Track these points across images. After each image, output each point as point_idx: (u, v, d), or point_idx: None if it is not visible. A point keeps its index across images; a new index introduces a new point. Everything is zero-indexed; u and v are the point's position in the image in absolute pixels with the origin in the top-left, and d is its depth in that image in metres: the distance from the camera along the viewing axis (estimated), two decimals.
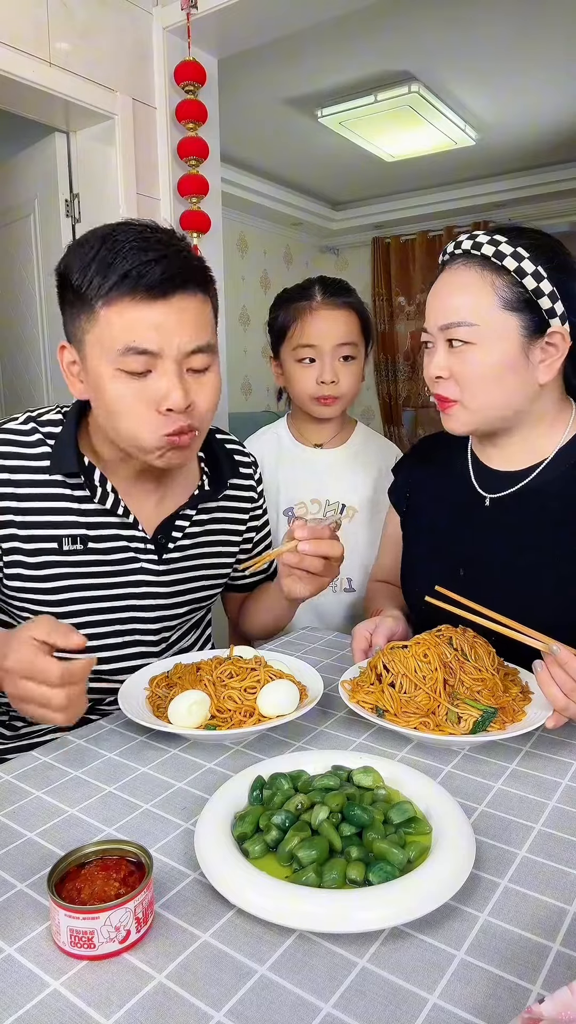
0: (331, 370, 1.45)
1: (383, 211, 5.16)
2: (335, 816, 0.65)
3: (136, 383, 0.87)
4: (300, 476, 1.57)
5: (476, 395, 0.99)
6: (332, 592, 1.54)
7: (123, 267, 0.83)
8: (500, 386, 0.98)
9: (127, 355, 0.85)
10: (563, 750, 0.83)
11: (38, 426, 0.99)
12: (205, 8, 2.24)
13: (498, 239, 0.96)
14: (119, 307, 0.84)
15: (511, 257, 0.95)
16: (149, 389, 0.87)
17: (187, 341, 0.87)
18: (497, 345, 0.96)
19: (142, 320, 0.84)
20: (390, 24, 2.71)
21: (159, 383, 0.87)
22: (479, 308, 0.96)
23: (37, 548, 0.96)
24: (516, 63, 3.04)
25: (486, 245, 0.96)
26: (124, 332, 0.84)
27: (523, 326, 0.96)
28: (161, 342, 0.85)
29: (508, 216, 4.88)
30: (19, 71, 2.01)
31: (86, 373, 0.90)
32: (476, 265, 0.97)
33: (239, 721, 0.84)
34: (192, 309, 0.88)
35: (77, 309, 0.88)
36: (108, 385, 0.87)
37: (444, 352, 1.00)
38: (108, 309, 0.84)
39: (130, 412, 0.88)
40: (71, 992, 0.50)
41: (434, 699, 0.84)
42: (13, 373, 3.00)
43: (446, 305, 0.99)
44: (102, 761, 0.82)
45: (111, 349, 0.85)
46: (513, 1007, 0.48)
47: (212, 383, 0.93)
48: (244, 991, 0.50)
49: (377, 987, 0.50)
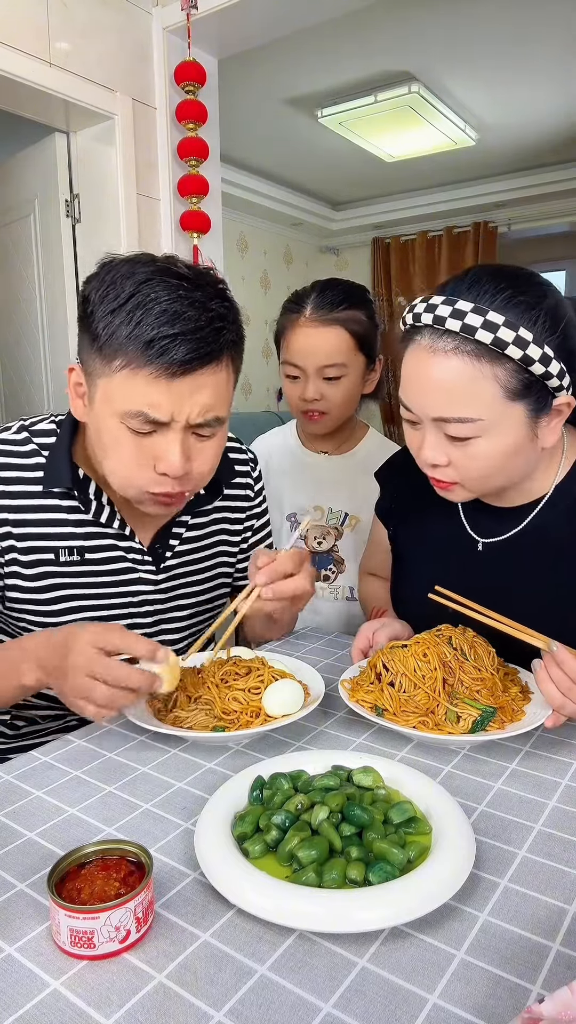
0: (314, 389, 1.40)
1: (383, 211, 5.16)
2: (335, 816, 0.65)
3: (139, 439, 0.85)
4: (304, 482, 1.55)
5: (480, 478, 0.91)
6: (334, 599, 1.53)
7: (149, 334, 0.79)
8: (507, 468, 0.90)
9: (135, 418, 0.83)
10: (563, 750, 0.83)
11: (31, 436, 0.97)
12: (205, 8, 2.24)
13: (493, 320, 0.81)
14: (137, 374, 0.80)
15: (514, 345, 0.81)
16: (150, 446, 0.85)
17: (198, 414, 0.84)
18: (504, 434, 0.86)
19: (157, 395, 0.81)
20: (390, 24, 2.71)
21: (161, 444, 0.85)
22: (482, 402, 0.84)
23: (34, 560, 0.95)
24: (516, 63, 3.04)
25: (480, 330, 0.81)
26: (136, 399, 0.81)
27: (530, 409, 0.86)
28: (172, 414, 0.83)
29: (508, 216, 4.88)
30: (19, 71, 2.01)
31: (90, 403, 0.88)
32: (470, 353, 0.82)
33: (246, 722, 0.84)
34: (211, 385, 0.84)
35: (94, 350, 0.84)
36: (110, 430, 0.85)
37: (439, 439, 0.89)
38: (124, 372, 0.81)
39: (125, 461, 0.86)
40: (71, 992, 0.50)
41: (433, 698, 0.84)
42: (13, 372, 3.00)
43: (439, 398, 0.86)
44: (102, 761, 0.82)
45: (120, 407, 0.83)
46: (513, 1007, 0.48)
47: (215, 448, 0.91)
48: (244, 991, 0.50)
49: (377, 987, 0.50)
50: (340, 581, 1.53)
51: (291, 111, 3.51)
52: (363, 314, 1.40)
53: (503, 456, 0.88)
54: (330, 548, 1.53)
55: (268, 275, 5.26)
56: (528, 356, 0.82)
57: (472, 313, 0.81)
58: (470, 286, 0.85)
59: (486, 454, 0.87)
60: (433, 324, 0.84)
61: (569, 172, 4.35)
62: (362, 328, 1.40)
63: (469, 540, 1.04)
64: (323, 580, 1.54)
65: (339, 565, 1.53)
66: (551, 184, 4.44)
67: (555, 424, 0.89)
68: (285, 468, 1.59)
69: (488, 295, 0.83)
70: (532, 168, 4.44)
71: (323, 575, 1.54)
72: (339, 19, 2.45)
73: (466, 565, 1.04)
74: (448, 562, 1.06)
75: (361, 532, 1.52)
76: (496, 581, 1.00)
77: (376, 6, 2.36)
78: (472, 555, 1.03)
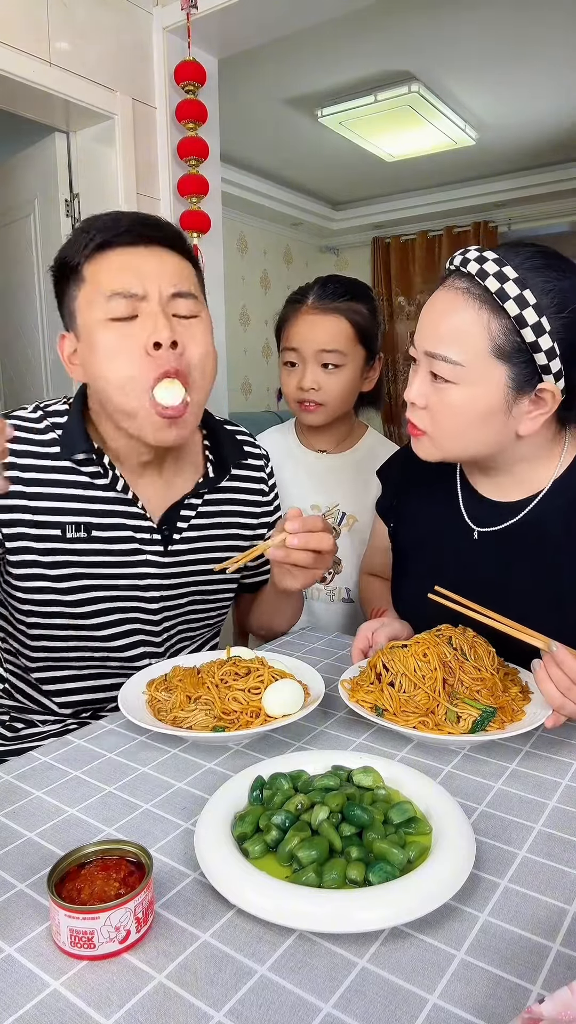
0: (311, 377, 1.40)
1: (383, 211, 5.16)
2: (335, 816, 0.65)
3: (124, 327, 0.90)
4: (302, 480, 1.55)
5: (446, 433, 0.93)
6: (330, 601, 1.53)
7: (102, 228, 0.92)
8: (473, 431, 0.92)
9: (113, 300, 0.90)
10: (563, 750, 0.83)
11: (47, 415, 1.01)
12: (205, 8, 2.24)
13: (506, 273, 0.84)
14: (101, 259, 0.91)
15: (514, 301, 0.84)
16: (137, 331, 0.90)
17: (168, 285, 0.92)
18: (478, 392, 0.88)
19: (122, 265, 0.91)
20: (390, 24, 2.71)
21: (145, 324, 0.91)
22: (468, 348, 0.87)
23: (43, 534, 0.97)
24: (516, 63, 3.04)
25: (491, 278, 0.85)
26: (107, 279, 0.90)
27: (511, 377, 0.87)
28: (144, 285, 0.90)
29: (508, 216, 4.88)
30: (19, 71, 2.01)
31: (81, 341, 0.94)
32: (475, 297, 0.87)
33: (246, 722, 0.84)
34: (171, 261, 0.94)
35: (67, 282, 0.94)
36: (99, 338, 0.91)
37: (425, 380, 0.93)
38: (91, 264, 0.92)
39: (119, 357, 0.90)
40: (71, 992, 0.50)
41: (433, 698, 0.84)
42: (13, 372, 3.00)
43: (436, 329, 0.90)
44: (102, 761, 0.82)
45: (98, 301, 0.90)
46: (513, 1007, 0.48)
47: (201, 329, 0.96)
48: (244, 991, 0.50)
49: (377, 987, 0.50)
50: (337, 582, 1.52)
51: (291, 111, 3.51)
52: (365, 307, 1.41)
53: (473, 415, 0.90)
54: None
55: (268, 275, 5.26)
56: (523, 317, 0.84)
57: (492, 261, 0.86)
58: (509, 247, 0.90)
59: (458, 405, 0.90)
60: (459, 266, 0.90)
61: (569, 172, 4.35)
62: (363, 320, 1.41)
63: (466, 530, 1.05)
64: (320, 581, 1.53)
65: (336, 566, 1.52)
66: (551, 184, 4.45)
67: (536, 415, 0.90)
68: (284, 466, 1.57)
69: (519, 257, 0.87)
70: (532, 168, 4.44)
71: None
72: (339, 19, 2.45)
73: (462, 555, 1.04)
74: (445, 553, 1.07)
75: (358, 532, 1.51)
76: (492, 572, 1.01)
77: (376, 6, 2.36)
78: (469, 544, 1.04)
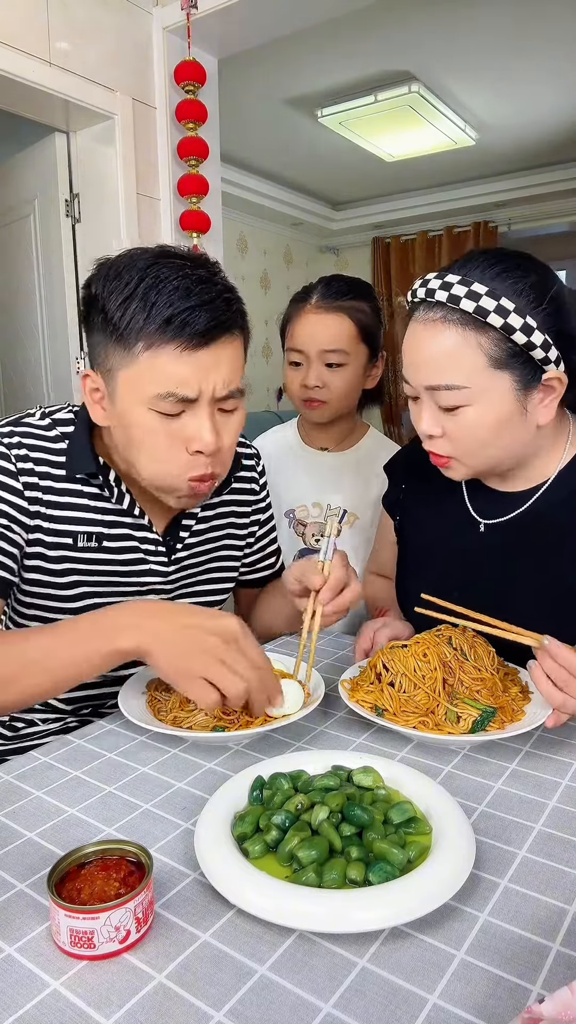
0: (315, 375, 1.42)
1: (383, 211, 5.16)
2: (335, 816, 0.65)
3: (168, 423, 0.86)
4: (304, 478, 1.56)
5: (471, 452, 0.94)
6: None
7: (167, 312, 0.81)
8: (496, 440, 0.92)
9: (165, 400, 0.84)
10: (563, 750, 0.83)
11: (55, 423, 0.99)
12: (205, 8, 2.24)
13: (476, 291, 0.85)
14: (161, 353, 0.82)
15: (495, 313, 0.85)
16: (180, 429, 0.86)
17: (223, 386, 0.86)
18: (491, 405, 0.89)
19: (184, 369, 0.83)
20: (390, 24, 2.71)
21: (191, 423, 0.86)
22: (466, 370, 0.88)
23: (56, 543, 0.96)
24: (516, 63, 3.05)
25: (464, 300, 0.86)
26: (164, 379, 0.83)
27: (516, 380, 0.89)
28: (200, 389, 0.84)
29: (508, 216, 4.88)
30: (19, 71, 2.01)
31: (112, 403, 0.89)
32: (456, 323, 0.87)
33: (246, 722, 0.84)
34: (230, 353, 0.86)
35: (110, 342, 0.85)
36: (138, 420, 0.86)
37: (434, 411, 0.93)
38: (149, 353, 0.82)
39: (158, 449, 0.87)
40: (71, 992, 0.50)
41: (433, 698, 0.84)
42: (13, 372, 3.00)
43: (429, 366, 0.90)
44: (102, 761, 0.82)
45: (147, 392, 0.84)
46: (513, 1007, 0.48)
47: (238, 422, 0.92)
48: (244, 991, 0.50)
49: (377, 987, 0.50)
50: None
51: (291, 111, 3.51)
52: (368, 306, 1.44)
53: (492, 427, 0.90)
54: None
55: (268, 275, 5.27)
56: (509, 324, 0.85)
57: (458, 284, 0.87)
58: (463, 264, 0.90)
59: (475, 424, 0.90)
60: (425, 298, 0.90)
61: (569, 172, 4.36)
62: (366, 318, 1.43)
63: (472, 522, 1.06)
64: None
65: None
66: (551, 184, 4.45)
67: (548, 401, 0.91)
68: (285, 465, 1.59)
69: (478, 270, 0.88)
70: (532, 168, 4.44)
71: None
72: (339, 19, 2.45)
73: (469, 547, 1.05)
74: (452, 545, 1.08)
75: (360, 530, 1.52)
76: (498, 563, 1.01)
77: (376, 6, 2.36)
78: (475, 537, 1.05)
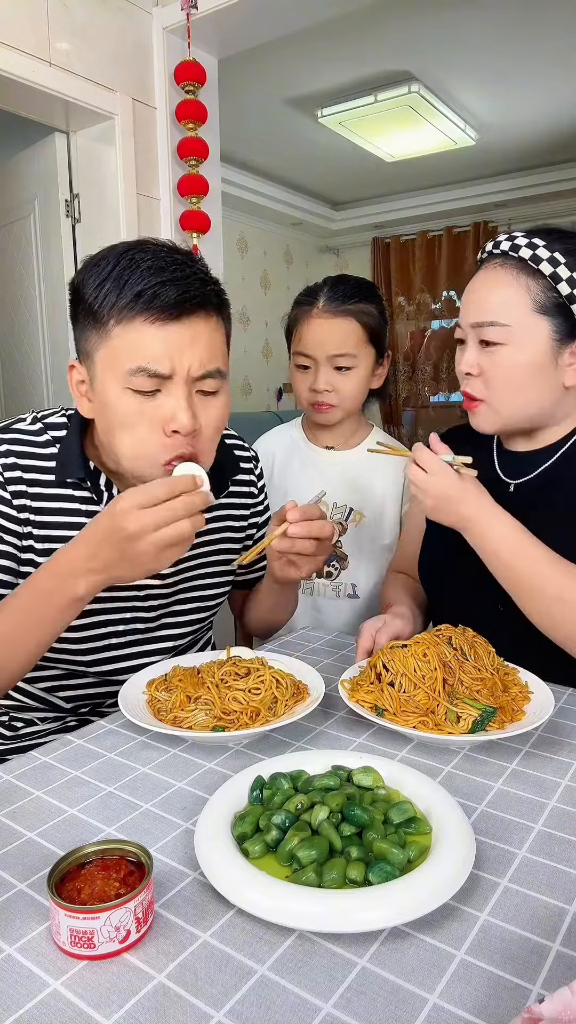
0: (324, 379, 1.44)
1: (383, 211, 5.17)
2: (335, 816, 0.65)
3: (144, 402, 0.86)
4: (309, 477, 1.56)
5: (503, 395, 1.02)
6: (336, 597, 1.54)
7: (138, 286, 0.82)
8: (527, 387, 1.01)
9: (137, 375, 0.84)
10: (563, 750, 0.83)
11: (46, 428, 0.99)
12: (205, 8, 2.24)
13: (536, 243, 0.98)
14: (131, 327, 0.83)
15: (547, 262, 0.97)
16: (157, 408, 0.86)
17: (198, 365, 0.86)
18: (527, 347, 0.99)
19: (154, 342, 0.83)
20: (390, 24, 2.71)
21: (167, 403, 0.86)
22: (511, 309, 0.98)
23: (49, 549, 0.96)
24: (517, 63, 3.05)
25: (524, 248, 0.98)
26: (135, 353, 0.83)
27: (554, 330, 0.98)
28: (173, 365, 0.84)
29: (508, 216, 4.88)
30: (19, 71, 2.01)
31: (93, 391, 0.90)
32: (512, 267, 0.99)
33: (244, 723, 0.84)
34: (205, 333, 0.87)
35: (89, 325, 0.87)
36: (115, 401, 0.86)
37: (475, 349, 1.03)
38: (120, 327, 0.84)
39: (135, 430, 0.87)
40: (71, 992, 0.50)
41: (433, 698, 0.84)
42: (13, 372, 3.00)
43: (480, 304, 1.01)
44: (102, 761, 0.82)
45: (121, 368, 0.84)
46: (513, 1007, 0.48)
47: (221, 406, 0.92)
48: (244, 991, 0.50)
49: (377, 987, 0.50)
50: (343, 578, 1.53)
51: (291, 111, 3.51)
52: (374, 308, 1.45)
53: (525, 370, 1.00)
54: (334, 544, 1.54)
55: (268, 275, 5.27)
56: (557, 274, 0.97)
57: (521, 238, 1.01)
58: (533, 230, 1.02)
59: (509, 363, 1.00)
60: (492, 250, 1.03)
61: (569, 172, 4.36)
62: (373, 320, 1.44)
63: (502, 485, 1.12)
64: (325, 577, 1.54)
65: (342, 561, 1.54)
66: (551, 184, 4.45)
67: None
68: (291, 464, 1.60)
69: (544, 233, 1.01)
70: (532, 168, 4.45)
71: (326, 571, 1.54)
72: (339, 19, 2.45)
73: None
74: None
75: (365, 528, 1.53)
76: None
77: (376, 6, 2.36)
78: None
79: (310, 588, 1.55)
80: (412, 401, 5.46)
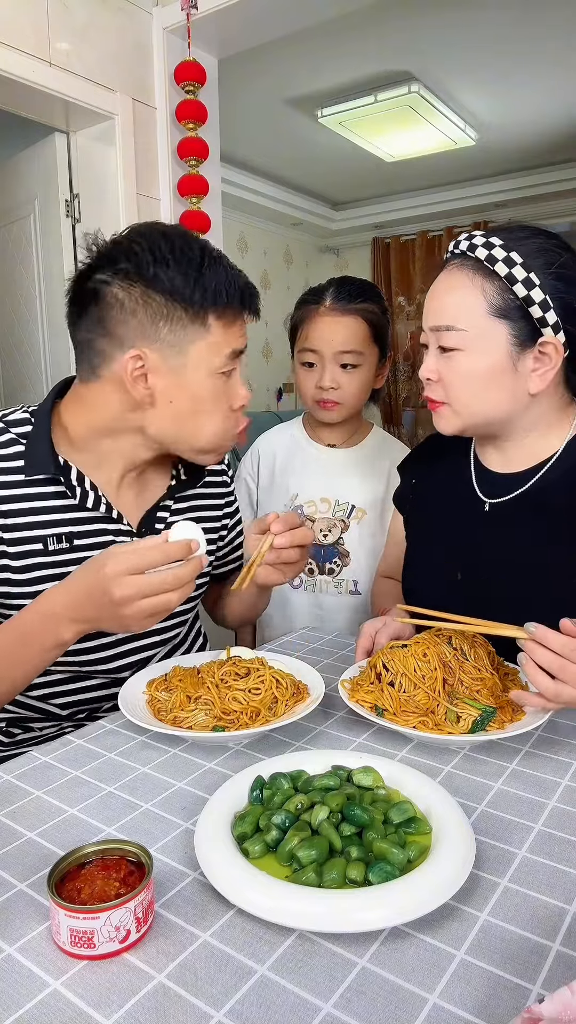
0: (330, 376, 1.45)
1: (383, 211, 5.16)
2: (335, 816, 0.65)
3: (225, 385, 0.97)
4: (311, 474, 1.58)
5: (462, 400, 0.98)
6: (338, 594, 1.54)
7: (237, 284, 0.95)
8: (486, 393, 0.97)
9: (234, 359, 0.97)
10: (563, 750, 0.83)
11: (7, 426, 0.98)
12: (205, 8, 2.24)
13: (493, 242, 0.94)
14: (233, 323, 0.95)
15: (502, 263, 0.92)
16: (229, 388, 0.98)
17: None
18: (484, 352, 0.94)
19: (242, 335, 0.99)
20: (390, 24, 2.71)
21: (234, 382, 1.00)
22: (467, 313, 0.94)
23: (23, 551, 0.95)
24: (517, 63, 3.04)
25: (480, 248, 0.94)
26: (235, 339, 0.96)
27: (512, 334, 0.93)
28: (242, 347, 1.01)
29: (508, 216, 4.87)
30: (19, 71, 2.01)
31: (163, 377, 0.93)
32: (469, 268, 0.95)
33: (244, 723, 0.84)
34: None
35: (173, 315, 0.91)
36: (210, 388, 0.96)
37: (435, 355, 1.00)
38: (220, 320, 0.94)
39: (222, 412, 0.98)
40: (71, 992, 0.50)
41: (433, 698, 0.84)
42: (12, 372, 3.00)
43: (437, 307, 0.98)
44: (102, 761, 0.82)
45: (220, 353, 0.95)
46: (513, 1007, 0.49)
47: None
48: (244, 991, 0.50)
49: (377, 987, 0.50)
50: (345, 575, 1.54)
51: (291, 111, 3.51)
52: (378, 308, 1.48)
53: (483, 376, 0.95)
54: (336, 540, 1.55)
55: (268, 275, 5.26)
56: (512, 275, 0.92)
57: (479, 237, 0.96)
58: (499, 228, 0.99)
59: (466, 369, 0.96)
60: (453, 250, 1.00)
61: (569, 172, 4.35)
62: (377, 319, 1.48)
63: (477, 503, 1.09)
64: (328, 574, 1.55)
65: (344, 558, 1.55)
66: (551, 184, 4.45)
67: (543, 372, 0.95)
68: (292, 462, 1.61)
69: (504, 232, 0.96)
70: (532, 168, 4.44)
71: (328, 568, 1.55)
72: (339, 19, 2.45)
73: (474, 528, 1.08)
74: (456, 525, 1.11)
75: (367, 525, 1.53)
76: (502, 542, 1.03)
77: (376, 6, 2.36)
78: (479, 517, 1.07)
79: (312, 585, 1.56)
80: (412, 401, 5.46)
